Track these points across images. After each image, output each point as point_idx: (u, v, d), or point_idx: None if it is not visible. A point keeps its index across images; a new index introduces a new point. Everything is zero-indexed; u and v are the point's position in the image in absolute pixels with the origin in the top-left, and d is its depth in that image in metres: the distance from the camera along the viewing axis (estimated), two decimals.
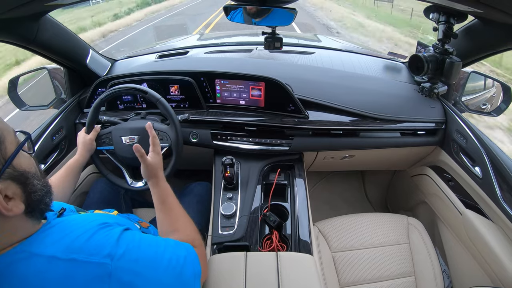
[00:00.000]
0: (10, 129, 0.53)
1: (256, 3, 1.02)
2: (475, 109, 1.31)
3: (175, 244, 0.69)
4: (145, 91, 1.11)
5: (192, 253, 0.70)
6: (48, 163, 1.21)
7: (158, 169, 0.88)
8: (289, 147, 1.28)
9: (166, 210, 0.84)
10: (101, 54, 1.52)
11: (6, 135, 0.51)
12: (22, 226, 0.53)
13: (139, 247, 0.60)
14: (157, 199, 0.85)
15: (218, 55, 1.64)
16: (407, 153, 1.43)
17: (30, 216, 0.54)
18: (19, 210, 0.50)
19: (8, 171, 0.49)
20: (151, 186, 0.87)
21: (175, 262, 0.63)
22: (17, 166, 0.51)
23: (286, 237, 1.05)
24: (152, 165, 0.87)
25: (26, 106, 1.33)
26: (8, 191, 0.49)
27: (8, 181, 0.49)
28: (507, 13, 0.79)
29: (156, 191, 0.85)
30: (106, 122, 1.22)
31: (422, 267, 1.20)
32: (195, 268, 0.67)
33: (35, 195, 0.54)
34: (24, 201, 0.52)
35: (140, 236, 0.64)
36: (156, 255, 0.61)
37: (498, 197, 1.03)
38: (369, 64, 1.55)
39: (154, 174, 0.87)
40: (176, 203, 0.86)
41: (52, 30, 1.15)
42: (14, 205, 0.50)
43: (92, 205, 1.19)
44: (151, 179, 0.87)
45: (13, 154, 0.51)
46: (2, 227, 0.50)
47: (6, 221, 0.50)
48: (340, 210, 1.93)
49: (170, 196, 0.86)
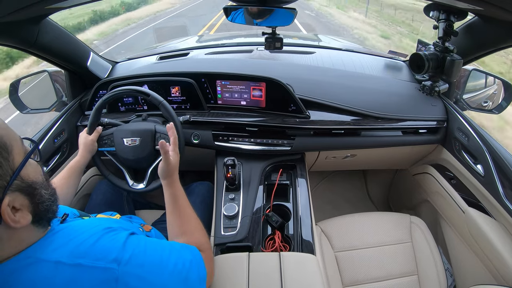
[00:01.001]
0: (17, 137, 0.52)
1: (256, 3, 1.02)
2: (476, 107, 1.31)
3: (180, 247, 0.69)
4: (147, 94, 1.12)
5: (198, 257, 0.70)
6: (50, 166, 1.21)
7: (175, 169, 0.87)
8: (290, 147, 1.28)
9: (177, 211, 0.83)
10: (102, 56, 1.53)
11: (14, 145, 0.50)
12: (28, 235, 0.53)
13: (145, 252, 0.60)
14: (170, 200, 0.84)
15: (218, 56, 1.64)
16: (409, 151, 1.43)
17: (37, 225, 0.54)
18: (26, 222, 0.50)
19: (16, 183, 0.49)
20: (165, 186, 0.85)
21: (181, 267, 0.63)
22: (25, 177, 0.51)
23: (288, 237, 1.04)
24: (172, 164, 0.85)
25: (27, 109, 1.33)
26: (15, 203, 0.49)
27: (16, 193, 0.49)
28: (508, 10, 0.79)
29: (170, 191, 0.84)
30: (107, 124, 1.22)
31: (425, 265, 1.19)
32: (201, 272, 0.67)
33: (43, 205, 0.54)
34: (32, 212, 0.52)
35: (145, 240, 0.64)
36: (162, 259, 0.61)
37: (500, 194, 1.03)
38: (370, 63, 1.55)
39: (171, 174, 0.85)
40: (188, 205, 0.85)
41: (53, 33, 1.16)
42: (21, 216, 0.49)
43: (94, 207, 1.19)
44: (167, 179, 0.85)
45: (21, 165, 0.50)
46: (9, 237, 0.50)
47: (14, 232, 0.50)
48: (342, 209, 1.93)
49: (182, 198, 0.85)
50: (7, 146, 0.48)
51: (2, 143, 0.48)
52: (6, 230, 0.48)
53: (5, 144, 0.48)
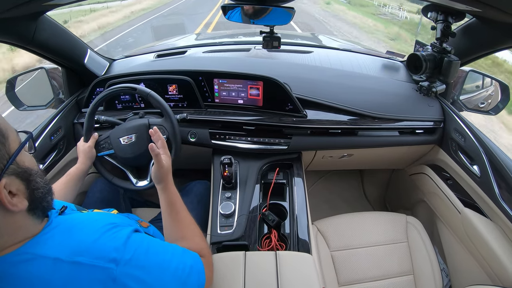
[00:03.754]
0: (12, 128, 0.53)
1: (254, 2, 1.02)
2: (473, 108, 1.32)
3: (182, 252, 0.69)
4: (134, 88, 1.10)
5: (199, 263, 0.70)
6: (47, 163, 1.21)
7: (168, 172, 0.85)
8: (287, 146, 1.28)
9: (174, 216, 0.81)
10: (99, 53, 1.52)
11: (10, 133, 0.51)
12: (24, 224, 0.53)
13: (147, 253, 0.60)
14: (166, 204, 0.82)
15: (216, 55, 1.63)
16: (406, 152, 1.43)
17: (32, 213, 0.54)
18: (23, 206, 0.51)
19: (12, 167, 0.50)
20: (160, 191, 0.83)
21: (181, 272, 0.63)
22: (21, 163, 0.52)
23: (285, 236, 1.05)
24: (165, 167, 0.83)
25: (24, 106, 1.33)
26: (12, 187, 0.49)
27: (12, 177, 0.50)
28: (505, 12, 0.79)
29: (165, 196, 0.82)
30: (104, 122, 1.22)
31: (421, 265, 1.20)
32: (200, 278, 0.67)
33: (38, 192, 0.54)
34: (28, 198, 0.52)
35: (148, 241, 0.63)
36: (163, 263, 0.61)
37: (496, 195, 1.03)
38: (367, 63, 1.55)
39: (165, 177, 0.83)
40: (184, 209, 0.84)
41: (50, 30, 1.15)
42: (18, 201, 0.50)
43: (91, 205, 1.18)
44: (161, 183, 0.83)
45: (17, 150, 0.51)
46: (6, 223, 0.50)
47: (10, 217, 0.50)
48: (339, 209, 1.93)
49: (178, 202, 0.84)
50: (3, 132, 0.50)
51: None
52: (3, 214, 0.49)
53: (1, 130, 0.50)
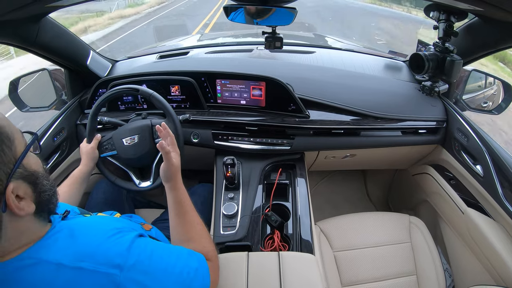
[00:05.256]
0: (17, 129, 0.53)
1: (256, 2, 1.02)
2: (476, 107, 1.31)
3: (188, 254, 0.68)
4: (136, 89, 1.10)
5: (204, 266, 0.69)
6: (50, 164, 1.21)
7: (178, 170, 0.82)
8: (290, 146, 1.28)
9: (182, 216, 0.79)
10: (102, 55, 1.52)
11: (16, 136, 0.51)
12: (30, 228, 0.53)
13: (151, 258, 0.59)
14: (174, 204, 0.80)
15: (218, 55, 1.63)
16: (408, 152, 1.43)
17: (38, 216, 0.54)
18: (30, 210, 0.51)
19: (19, 171, 0.50)
20: (168, 190, 0.81)
21: (185, 275, 0.62)
22: (27, 166, 0.52)
23: (287, 237, 1.04)
24: (175, 165, 0.81)
25: (27, 107, 1.33)
26: (19, 191, 0.49)
27: (19, 181, 0.50)
28: (508, 11, 0.79)
29: (174, 195, 0.80)
30: (107, 123, 1.22)
31: (424, 266, 1.19)
32: (205, 281, 0.67)
33: (45, 194, 0.54)
34: (35, 201, 0.52)
35: (152, 245, 0.63)
36: (167, 267, 0.60)
37: (500, 195, 1.03)
38: (370, 63, 1.55)
39: (174, 176, 0.80)
40: (193, 209, 0.82)
41: (53, 32, 1.15)
42: (26, 205, 0.50)
43: (95, 206, 1.19)
44: (170, 181, 0.80)
45: (23, 153, 0.51)
46: (13, 227, 0.50)
47: (17, 221, 0.50)
48: (342, 209, 1.93)
49: (187, 201, 0.81)
50: (9, 136, 0.50)
51: (5, 133, 0.49)
52: (10, 218, 0.49)
53: (7, 134, 0.49)
